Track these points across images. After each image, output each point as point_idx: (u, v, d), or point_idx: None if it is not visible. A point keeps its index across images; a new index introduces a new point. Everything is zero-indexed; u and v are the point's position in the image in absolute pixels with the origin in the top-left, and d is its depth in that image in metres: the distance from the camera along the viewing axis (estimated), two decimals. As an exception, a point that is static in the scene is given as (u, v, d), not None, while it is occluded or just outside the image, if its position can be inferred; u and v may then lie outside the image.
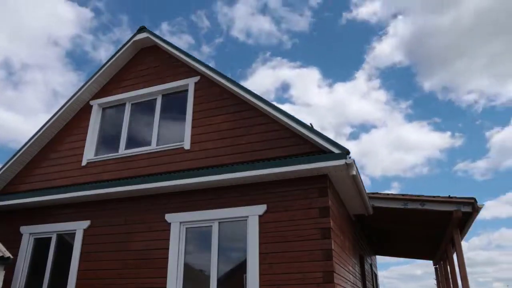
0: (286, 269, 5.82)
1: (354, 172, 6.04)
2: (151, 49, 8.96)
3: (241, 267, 6.17)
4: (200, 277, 6.51)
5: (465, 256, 8.59)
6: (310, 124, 6.77)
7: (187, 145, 7.45)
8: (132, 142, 8.22)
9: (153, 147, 7.82)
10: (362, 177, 6.95)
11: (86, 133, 8.63)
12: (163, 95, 8.36)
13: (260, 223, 6.22)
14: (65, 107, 8.85)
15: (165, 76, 8.40)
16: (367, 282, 11.09)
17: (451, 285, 10.73)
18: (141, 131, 8.30)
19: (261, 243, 6.09)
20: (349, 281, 7.35)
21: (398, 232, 12.20)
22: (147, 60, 8.90)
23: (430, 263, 17.47)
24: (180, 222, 6.79)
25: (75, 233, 7.63)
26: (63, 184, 8.18)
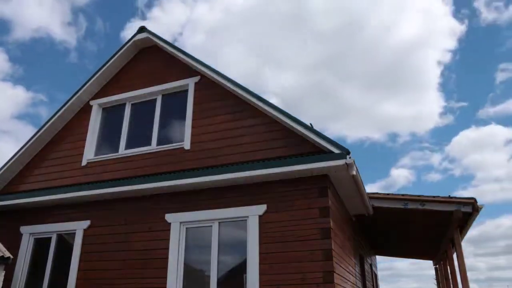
0: (286, 269, 5.82)
1: (354, 172, 6.04)
2: (151, 49, 8.96)
3: (241, 267, 6.17)
4: (200, 277, 6.51)
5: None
6: (310, 124, 6.77)
7: (187, 145, 7.45)
8: (132, 142, 8.21)
9: (153, 147, 7.82)
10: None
11: (86, 133, 8.63)
12: (163, 95, 8.35)
13: (260, 223, 6.21)
14: (65, 107, 8.84)
15: (165, 76, 8.39)
16: (367, 282, 11.09)
17: (451, 285, 10.73)
18: (141, 131, 8.29)
19: (261, 243, 6.09)
20: (349, 281, 7.35)
21: (398, 232, 12.20)
22: (147, 60, 8.89)
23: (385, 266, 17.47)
24: (180, 222, 6.79)
25: (75, 233, 7.62)
26: (63, 184, 8.17)
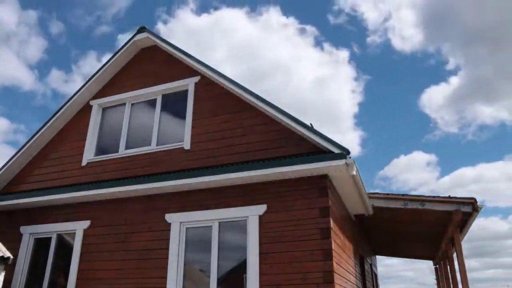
0: (286, 269, 5.82)
1: (354, 172, 6.04)
2: (151, 49, 8.96)
3: (241, 267, 6.17)
4: (200, 277, 6.51)
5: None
6: (310, 124, 6.77)
7: (187, 145, 7.45)
8: (132, 142, 8.21)
9: (153, 147, 7.82)
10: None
11: (86, 133, 8.63)
12: (163, 95, 8.35)
13: (260, 223, 6.21)
14: (65, 107, 8.84)
15: (165, 76, 8.39)
16: (367, 282, 11.09)
17: (451, 285, 10.73)
18: (141, 131, 8.29)
19: (261, 243, 6.09)
20: (349, 281, 7.35)
21: (398, 232, 12.20)
22: (147, 60, 8.89)
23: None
24: (180, 222, 6.79)
25: (75, 233, 7.62)
26: (63, 184, 8.17)
